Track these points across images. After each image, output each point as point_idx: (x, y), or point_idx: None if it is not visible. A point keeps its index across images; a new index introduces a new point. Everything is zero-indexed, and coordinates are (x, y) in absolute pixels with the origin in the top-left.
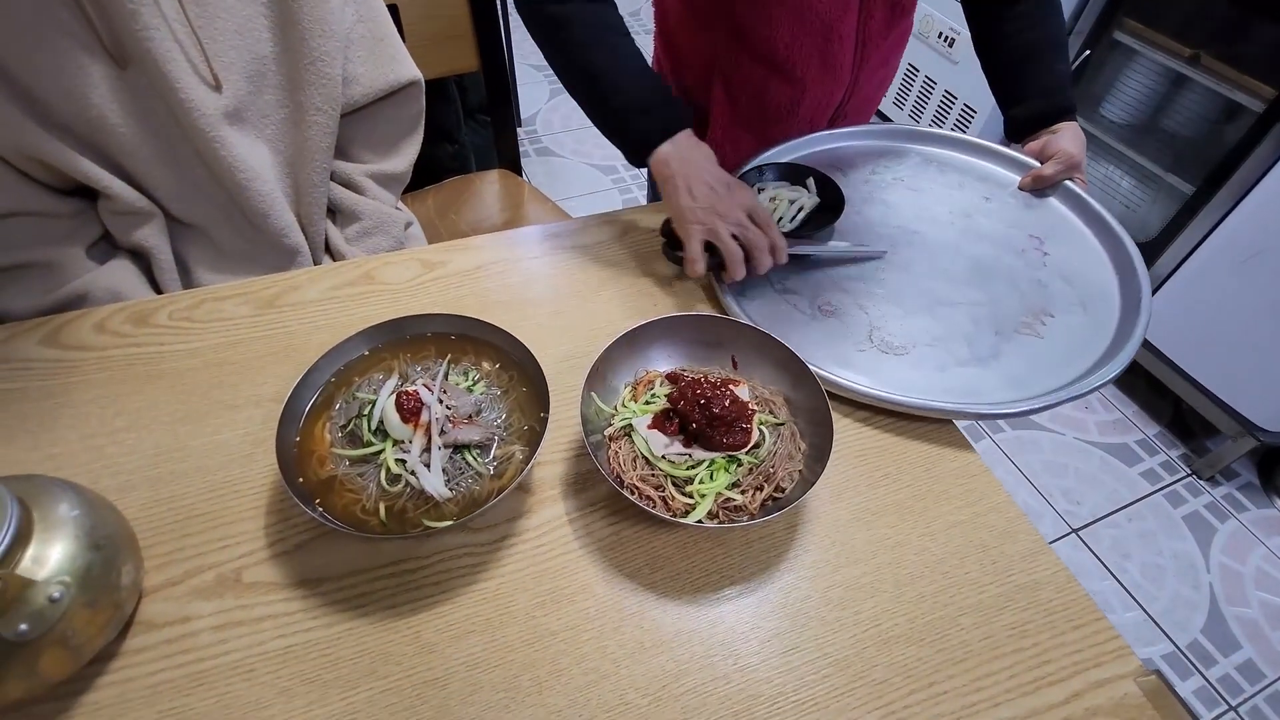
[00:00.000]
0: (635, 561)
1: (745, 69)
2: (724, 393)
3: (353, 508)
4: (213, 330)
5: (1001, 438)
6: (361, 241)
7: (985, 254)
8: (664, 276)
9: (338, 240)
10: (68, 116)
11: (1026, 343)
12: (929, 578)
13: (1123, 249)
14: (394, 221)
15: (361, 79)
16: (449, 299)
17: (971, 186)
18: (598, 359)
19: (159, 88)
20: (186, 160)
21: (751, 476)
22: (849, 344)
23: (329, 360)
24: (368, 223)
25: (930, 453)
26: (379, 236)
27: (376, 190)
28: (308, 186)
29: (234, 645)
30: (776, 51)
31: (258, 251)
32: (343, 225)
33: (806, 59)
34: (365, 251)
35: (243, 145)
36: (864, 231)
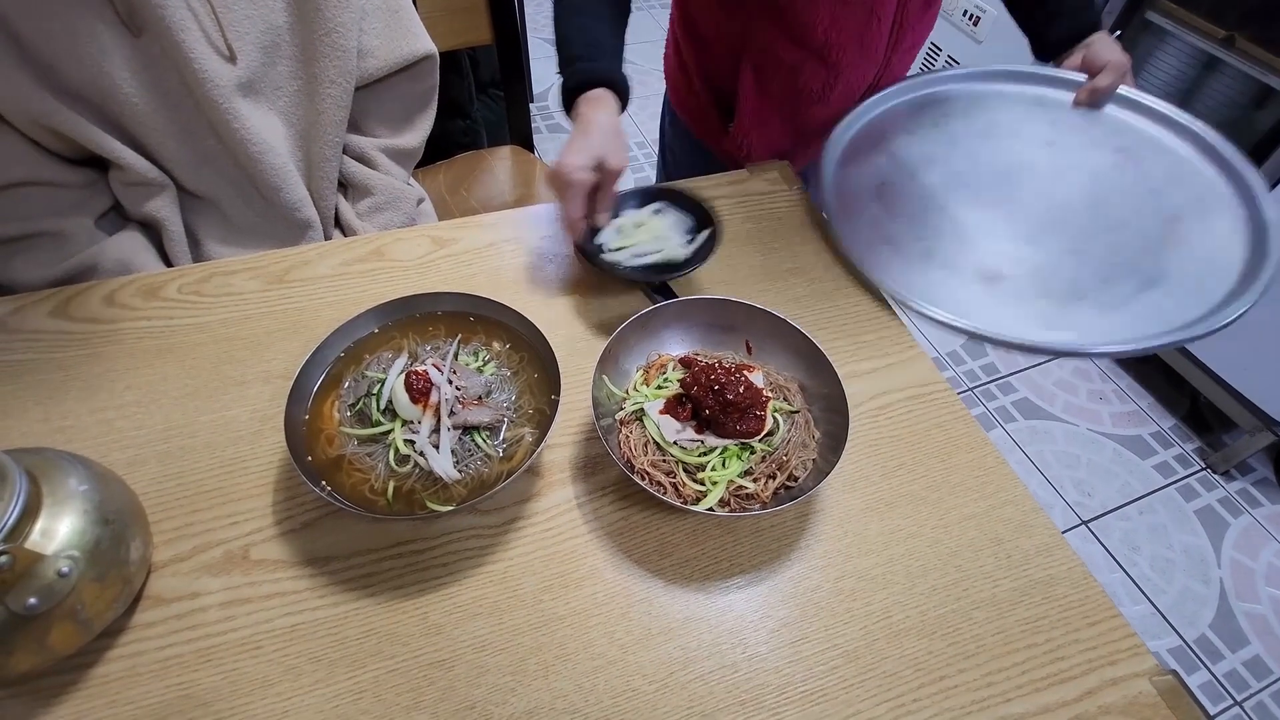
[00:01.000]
0: (644, 547)
1: (779, 52)
2: (738, 379)
3: (361, 487)
4: (222, 305)
5: (1014, 427)
6: (373, 217)
7: (1080, 179)
8: None
9: (349, 215)
10: (80, 85)
11: (1139, 272)
12: (942, 570)
13: (1203, 141)
14: (406, 197)
15: (377, 52)
16: (460, 277)
17: (1035, 114)
18: (610, 341)
19: (173, 57)
20: (199, 132)
21: (764, 464)
22: (953, 281)
23: (338, 338)
24: (380, 198)
25: (946, 443)
26: (390, 212)
27: (389, 165)
28: (319, 160)
29: (242, 622)
30: (815, 35)
31: (269, 225)
32: (354, 200)
33: (845, 42)
34: (376, 227)
35: (255, 117)
36: (967, 181)
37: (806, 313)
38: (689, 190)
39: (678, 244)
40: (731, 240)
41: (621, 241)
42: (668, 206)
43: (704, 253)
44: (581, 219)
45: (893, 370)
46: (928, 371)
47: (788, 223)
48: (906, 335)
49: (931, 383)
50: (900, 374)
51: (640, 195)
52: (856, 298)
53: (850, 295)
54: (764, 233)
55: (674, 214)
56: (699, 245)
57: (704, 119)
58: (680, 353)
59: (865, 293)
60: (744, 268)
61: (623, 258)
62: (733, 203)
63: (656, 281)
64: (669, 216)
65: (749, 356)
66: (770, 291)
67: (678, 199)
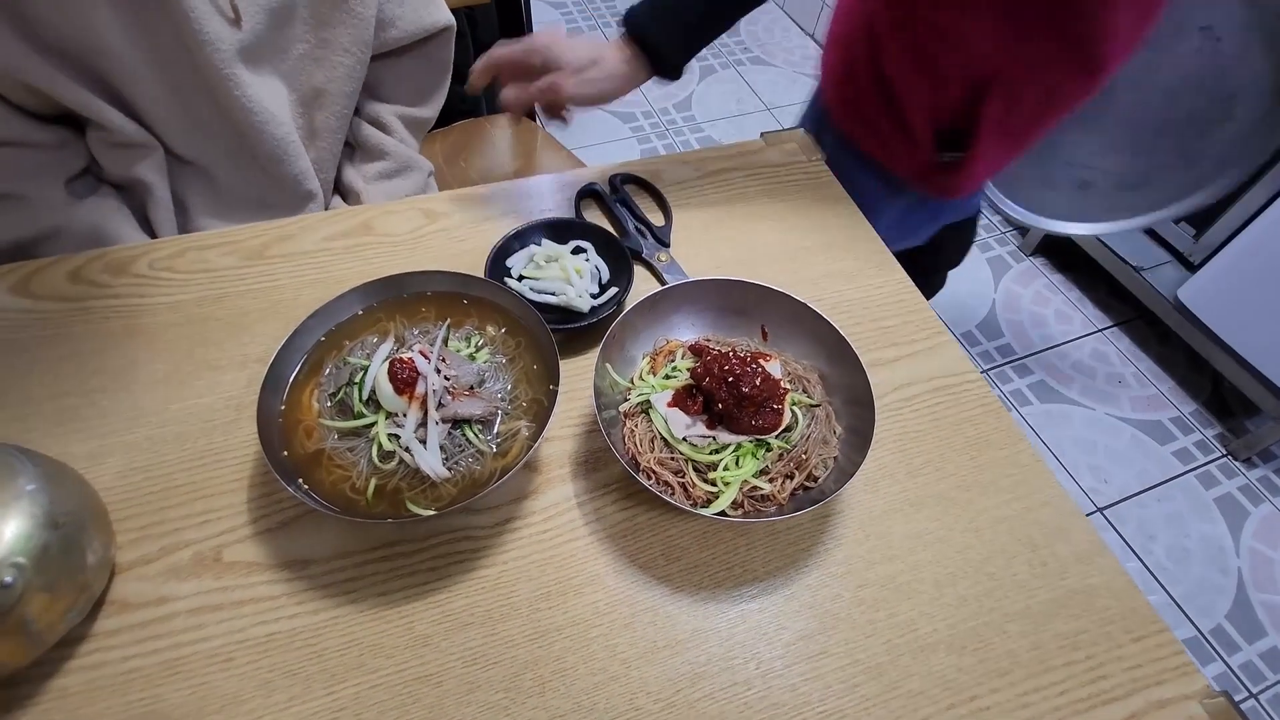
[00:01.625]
0: (650, 551)
1: (1046, 64)
2: (753, 369)
3: (341, 485)
4: (196, 282)
5: (1029, 411)
6: (383, 183)
7: (1169, 73)
8: None
9: (355, 181)
10: (63, 38)
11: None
12: (972, 578)
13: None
14: (419, 167)
15: (399, 21)
16: (452, 254)
17: None
18: (614, 325)
19: (170, 14)
20: (194, 95)
21: (782, 463)
22: (1047, 189)
23: (318, 320)
24: (392, 163)
25: (977, 439)
26: (401, 180)
27: (404, 132)
28: (325, 130)
29: (212, 631)
30: (1097, 38)
31: (268, 196)
32: (363, 165)
33: (1124, 48)
34: (385, 196)
35: (258, 85)
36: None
37: (826, 295)
38: (620, 240)
39: (580, 293)
40: (746, 216)
41: (530, 271)
42: (593, 250)
43: (608, 310)
44: (483, 73)
45: (919, 358)
46: (957, 360)
47: (806, 197)
48: (934, 320)
49: (961, 372)
50: (927, 362)
51: (564, 228)
52: (880, 279)
53: (873, 276)
54: (780, 208)
55: (596, 260)
56: (604, 301)
57: (901, 151)
58: (690, 338)
59: (889, 273)
60: (759, 246)
61: (524, 289)
62: (746, 175)
63: (547, 326)
64: (587, 260)
65: (764, 343)
66: (787, 272)
67: (606, 243)
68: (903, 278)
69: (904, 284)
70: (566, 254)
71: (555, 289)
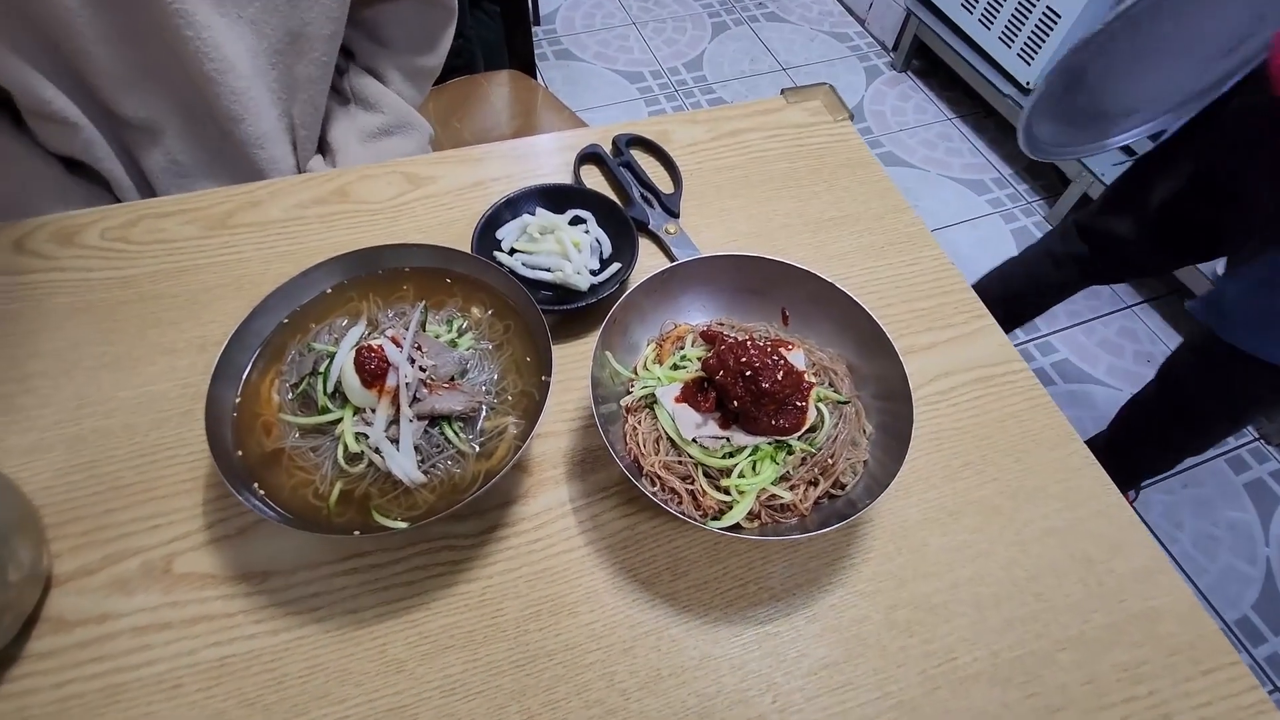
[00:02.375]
0: (653, 564)
1: None
2: (774, 361)
3: (303, 491)
4: (151, 255)
5: (1053, 390)
6: (379, 142)
7: None
8: None
9: (346, 140)
10: None
11: None
12: (1019, 599)
13: None
14: (418, 126)
15: None
16: (437, 223)
17: None
18: (616, 307)
19: None
20: (139, 36)
21: (805, 468)
22: None
23: (281, 299)
24: (388, 119)
25: (1023, 438)
26: (398, 139)
27: (402, 85)
28: (304, 81)
29: (159, 653)
30: None
31: (224, 165)
32: (357, 121)
33: None
34: (378, 158)
35: (218, 28)
36: None
37: (851, 272)
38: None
39: (579, 269)
40: (764, 184)
41: (522, 244)
42: (593, 220)
43: (609, 289)
44: None
45: (957, 345)
46: (999, 347)
47: (830, 161)
48: (974, 301)
49: (1004, 360)
50: (966, 349)
51: (561, 196)
52: (912, 254)
53: (904, 251)
54: (801, 174)
55: (596, 231)
56: (605, 279)
57: None
58: (702, 322)
59: (923, 248)
60: (777, 217)
61: (514, 265)
62: (764, 136)
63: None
64: (587, 233)
65: (785, 329)
66: (810, 247)
67: (608, 213)
68: (938, 254)
69: (940, 260)
70: (563, 225)
71: (550, 264)
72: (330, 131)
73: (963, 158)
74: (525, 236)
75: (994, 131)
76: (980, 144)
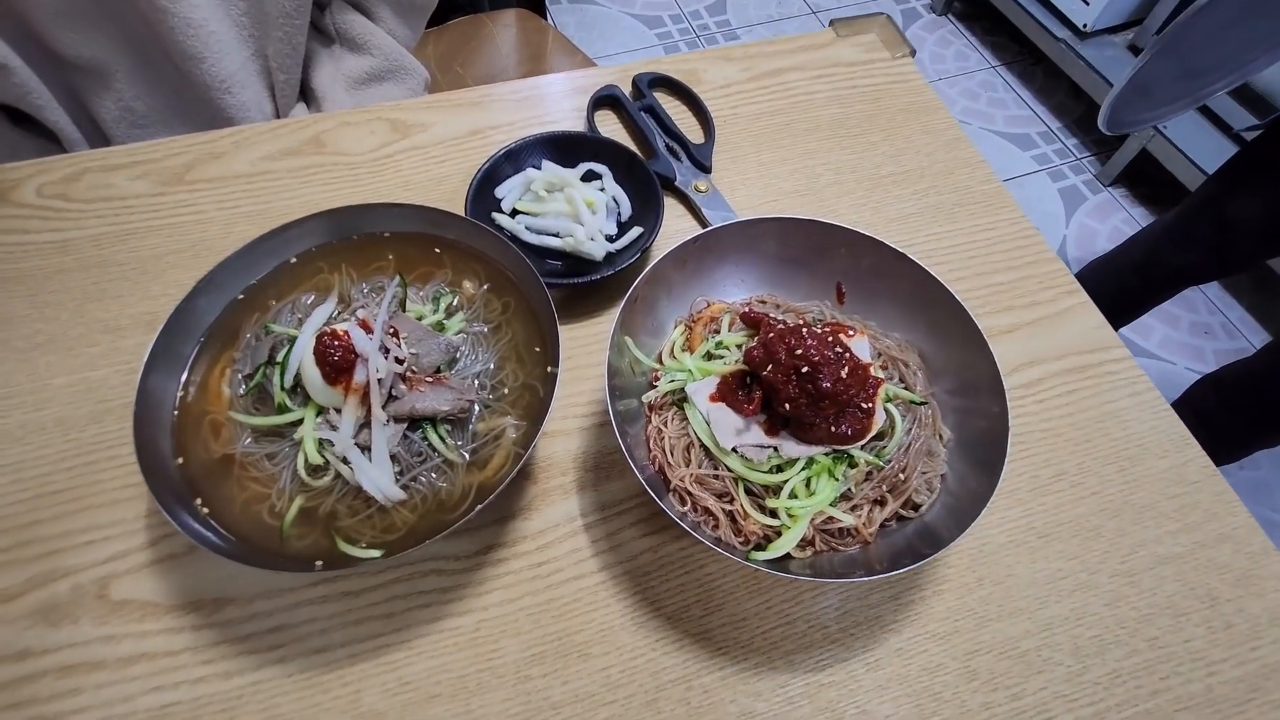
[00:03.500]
0: (681, 596)
1: None
2: (837, 354)
3: (257, 507)
4: (95, 214)
5: None
6: (369, 88)
7: None
8: None
9: (332, 86)
10: None
11: None
12: (1127, 645)
13: None
14: (412, 70)
15: None
16: (427, 180)
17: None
18: (638, 281)
19: None
20: None
21: (870, 484)
22: None
23: (236, 269)
24: (378, 62)
25: (1127, 443)
26: (392, 84)
27: (394, 23)
28: (278, 16)
29: (90, 699)
30: None
31: (187, 113)
32: (342, 65)
33: None
34: (356, 103)
35: None
36: None
37: (915, 238)
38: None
39: (593, 234)
40: (810, 132)
41: (526, 204)
42: (610, 175)
43: (630, 258)
44: None
45: (1044, 328)
46: (1095, 330)
47: (888, 106)
48: (1062, 273)
49: (1102, 347)
50: (1056, 333)
51: (572, 146)
52: (988, 216)
53: (978, 213)
54: (854, 121)
55: (613, 189)
56: (625, 246)
57: None
58: (740, 299)
59: (1001, 208)
60: (826, 172)
61: (516, 229)
62: (809, 77)
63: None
64: (602, 190)
65: (840, 308)
66: (864, 207)
67: (627, 166)
68: (1018, 216)
69: (1021, 225)
70: (575, 181)
71: (559, 229)
72: (313, 76)
73: (1007, 109)
74: (529, 195)
75: (1042, 80)
76: (1027, 95)
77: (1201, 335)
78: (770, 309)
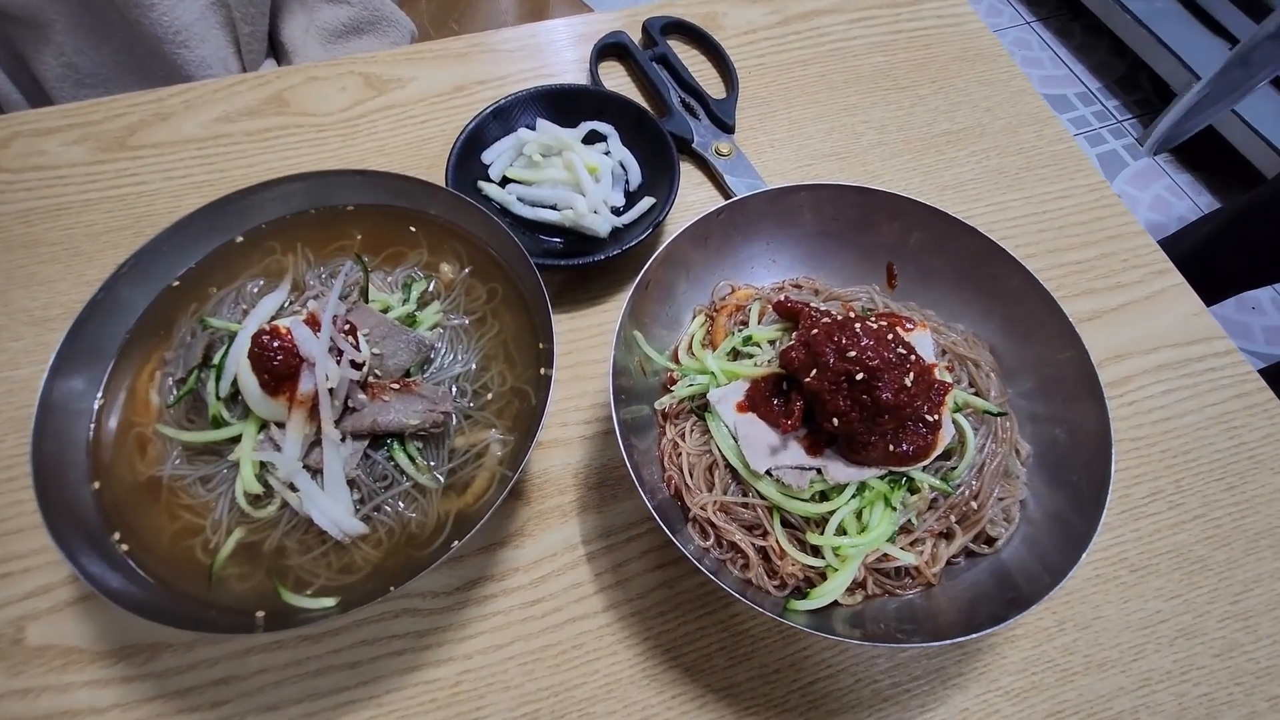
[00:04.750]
0: (701, 642)
1: None
2: (900, 355)
3: (189, 541)
4: (25, 185)
5: None
6: (346, 42)
7: None
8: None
9: (305, 40)
10: None
11: None
12: (1244, 705)
13: None
14: (398, 21)
15: None
16: (405, 144)
17: None
18: (650, 263)
19: None
20: None
21: (936, 514)
22: None
23: (168, 251)
24: (358, 10)
25: (1236, 452)
26: (373, 37)
27: None
28: None
29: None
30: None
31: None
32: (318, 10)
33: None
34: (331, 58)
35: None
36: None
37: (975, 208)
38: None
39: (596, 206)
40: (849, 85)
41: (518, 171)
42: (616, 136)
43: (640, 234)
44: None
45: (1131, 314)
46: (1193, 316)
47: (940, 54)
48: (1150, 249)
49: (1202, 338)
50: (1145, 321)
51: (572, 102)
52: (1061, 182)
53: (1050, 178)
54: (901, 71)
55: (620, 153)
56: (634, 220)
57: None
58: (772, 284)
59: (1077, 172)
60: (868, 131)
61: (506, 198)
62: (848, 20)
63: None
64: (607, 154)
65: (892, 294)
66: (913, 171)
67: (636, 125)
68: (1098, 182)
69: (1101, 191)
70: (575, 144)
71: (557, 200)
72: (283, 28)
73: (1042, 69)
74: (522, 160)
75: (1081, 37)
76: (1064, 53)
77: (1248, 311)
78: (809, 295)
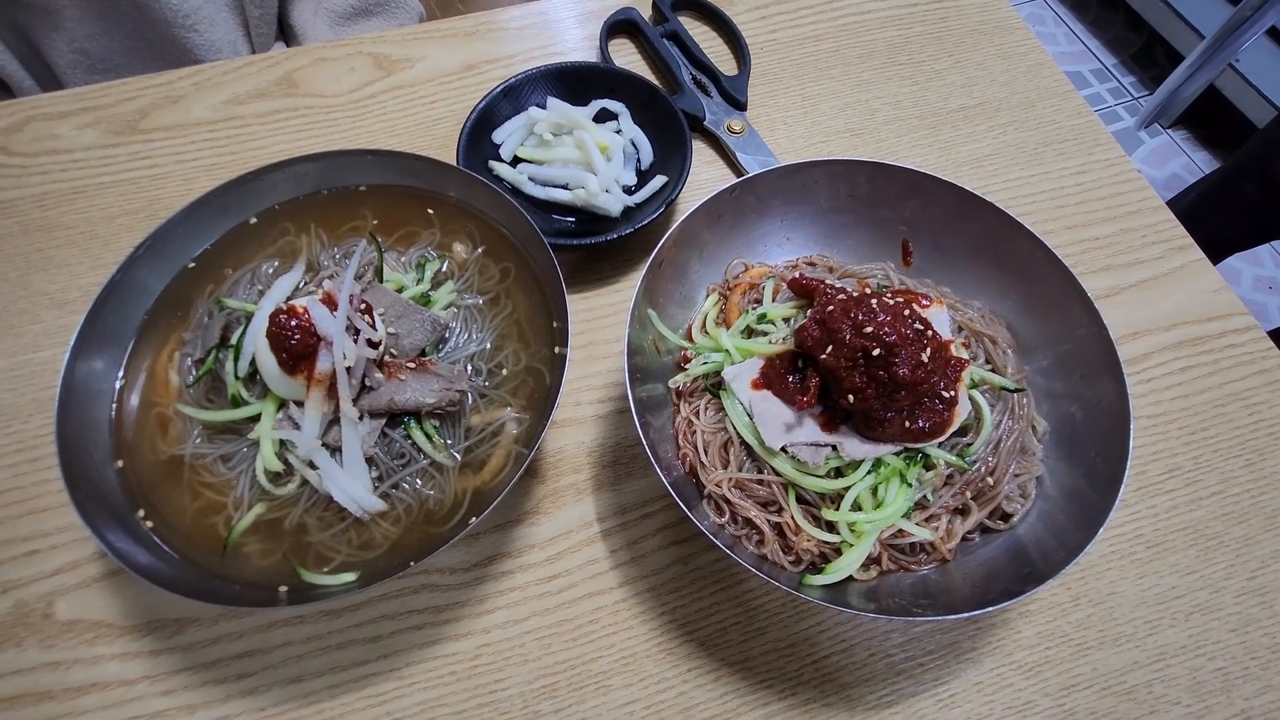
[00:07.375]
0: (717, 617)
1: None
2: (916, 331)
3: (211, 519)
4: (40, 170)
5: None
6: (355, 24)
7: None
8: None
9: (314, 22)
10: None
11: None
12: (1259, 679)
13: None
14: (405, 3)
15: None
16: (415, 124)
17: None
18: (663, 242)
19: None
20: None
21: (951, 490)
22: None
23: (183, 233)
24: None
25: (1255, 429)
26: (382, 19)
27: None
28: None
29: None
30: None
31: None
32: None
33: None
34: (339, 36)
35: None
36: None
37: (993, 184)
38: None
39: (608, 185)
40: (863, 60)
41: (529, 150)
42: (627, 114)
43: (652, 213)
44: None
45: (1150, 291)
46: (1213, 293)
47: (956, 27)
48: (1171, 225)
49: (1221, 314)
50: (1165, 297)
51: (583, 80)
52: (1080, 157)
53: (1069, 153)
54: (916, 45)
55: (632, 131)
56: (646, 199)
57: None
58: (786, 261)
59: (1095, 147)
60: (883, 107)
61: (517, 178)
62: None
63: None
64: (619, 133)
65: (908, 271)
66: (929, 147)
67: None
68: (1118, 157)
69: (1121, 166)
70: (586, 122)
71: (568, 179)
72: (292, 11)
73: (1057, 45)
74: (533, 139)
75: (1096, 11)
76: (1079, 28)
77: (1265, 290)
78: (823, 273)
